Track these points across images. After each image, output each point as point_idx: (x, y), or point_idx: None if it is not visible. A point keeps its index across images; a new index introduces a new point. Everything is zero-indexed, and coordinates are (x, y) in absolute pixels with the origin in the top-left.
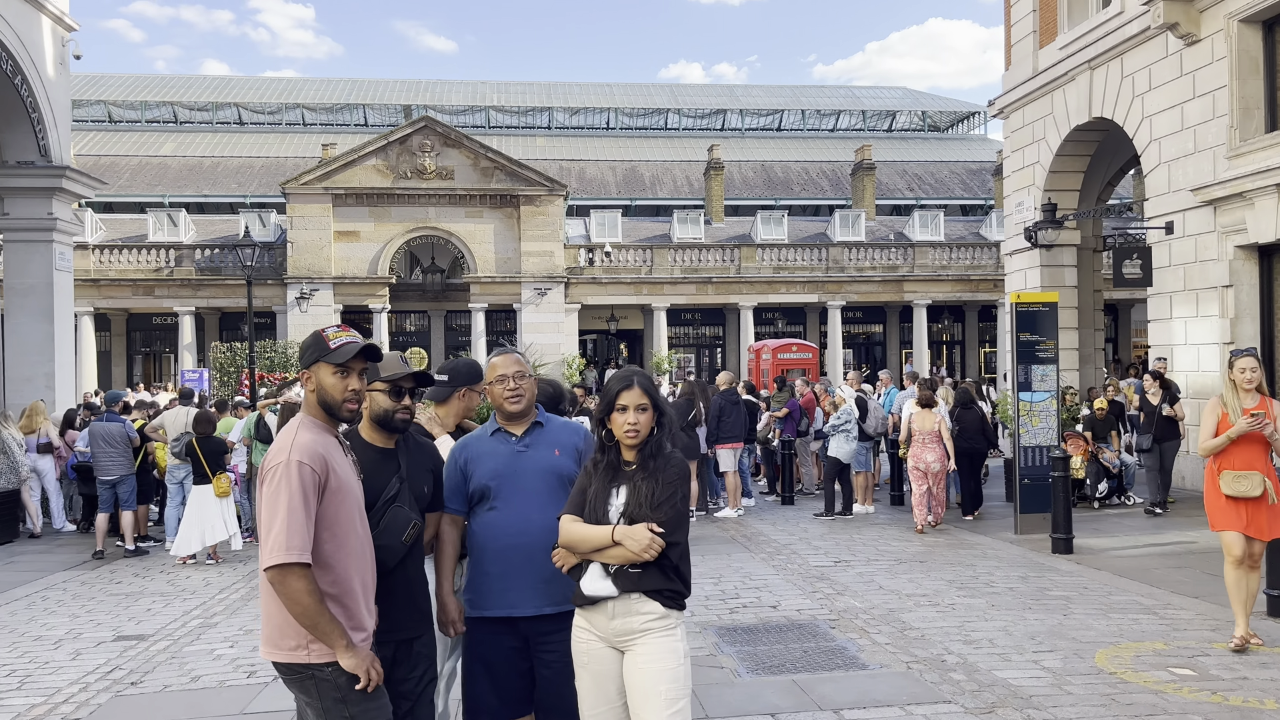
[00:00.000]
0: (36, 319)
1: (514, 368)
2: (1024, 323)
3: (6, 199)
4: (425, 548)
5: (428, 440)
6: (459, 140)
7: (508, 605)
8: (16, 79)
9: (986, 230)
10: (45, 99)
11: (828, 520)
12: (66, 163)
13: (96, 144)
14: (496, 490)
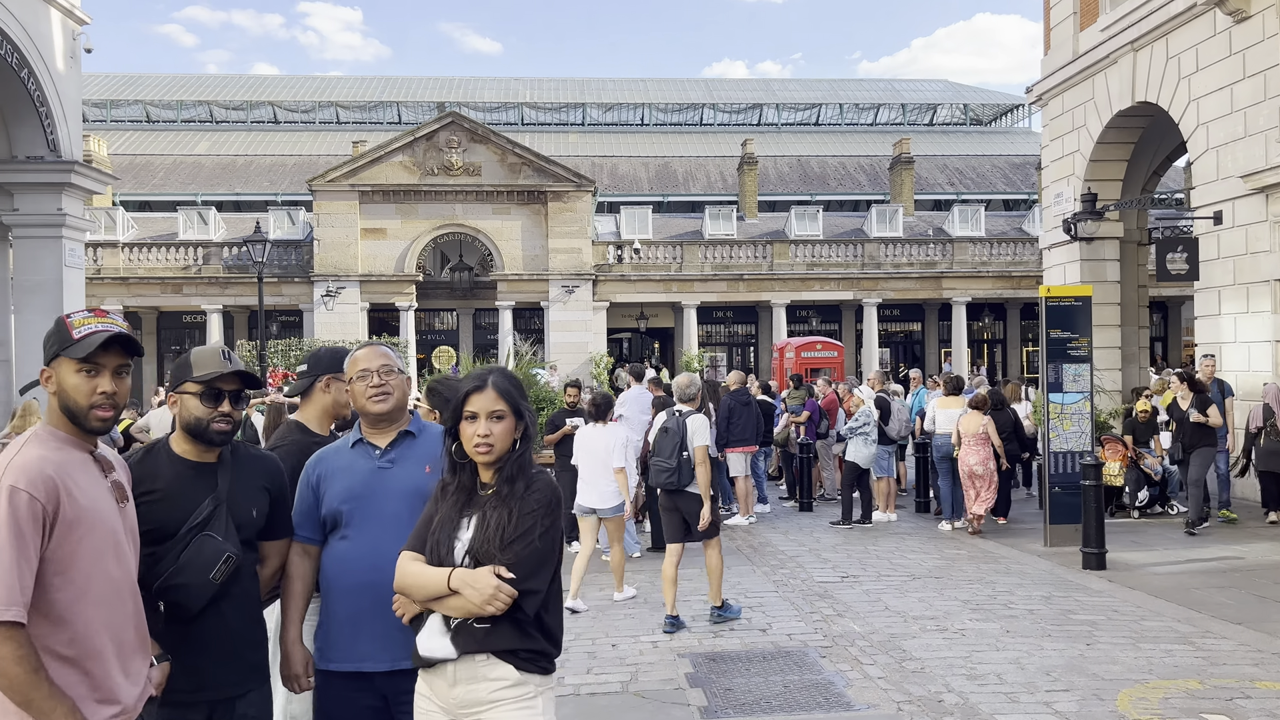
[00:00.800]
0: (45, 316)
1: (379, 361)
2: (1055, 318)
3: (16, 194)
4: (266, 584)
5: (268, 454)
6: (486, 136)
7: (358, 657)
8: (23, 72)
9: (1029, 225)
10: (54, 93)
11: (844, 529)
12: (76, 158)
13: (133, 143)
14: (349, 515)
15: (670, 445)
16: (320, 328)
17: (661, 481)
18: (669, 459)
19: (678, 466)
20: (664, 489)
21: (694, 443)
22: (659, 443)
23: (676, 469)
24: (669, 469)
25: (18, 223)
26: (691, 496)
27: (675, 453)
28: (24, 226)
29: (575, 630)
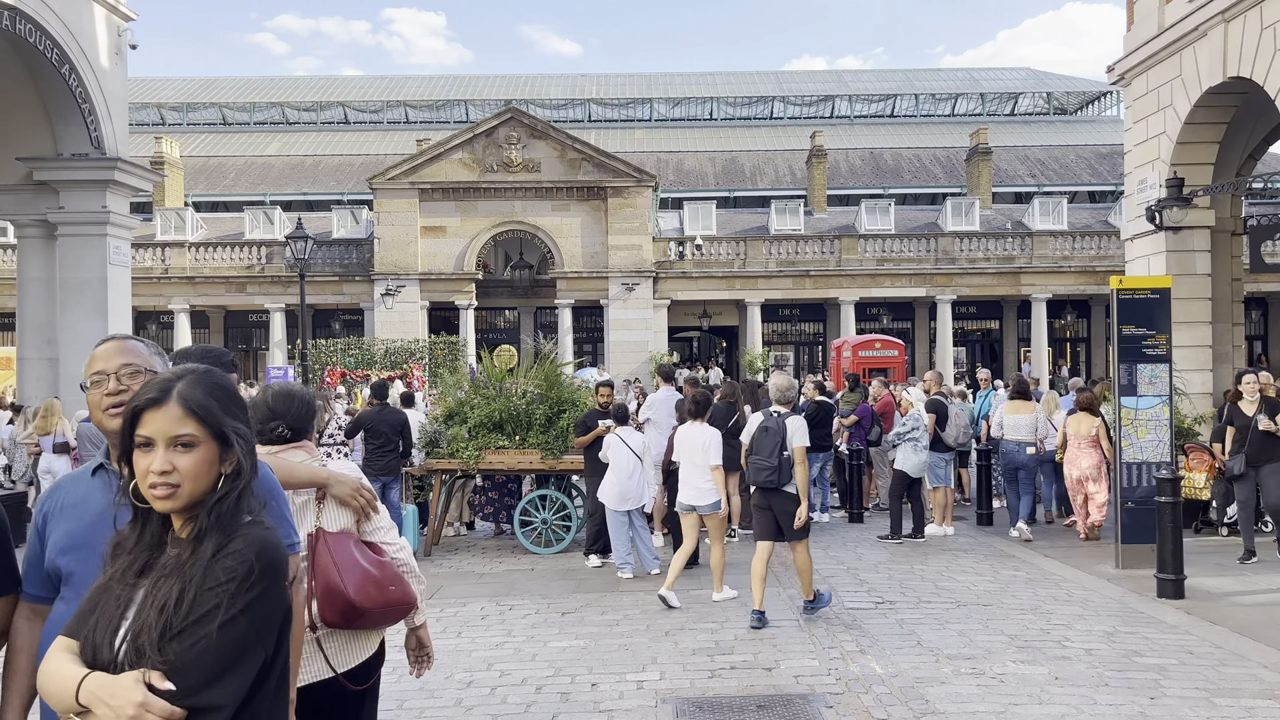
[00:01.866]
0: (90, 315)
1: (119, 360)
2: (1129, 313)
3: (61, 192)
4: None
5: None
6: (545, 131)
7: None
8: (64, 69)
9: (1115, 218)
10: (98, 89)
11: (892, 544)
12: (121, 155)
13: (208, 145)
14: (69, 570)
15: (770, 444)
16: (380, 326)
17: (760, 480)
18: (769, 458)
19: (778, 465)
20: (760, 487)
21: (793, 443)
22: (758, 441)
23: (777, 468)
24: (769, 467)
25: (63, 220)
26: (787, 496)
27: (775, 452)
28: (69, 224)
29: (558, 663)
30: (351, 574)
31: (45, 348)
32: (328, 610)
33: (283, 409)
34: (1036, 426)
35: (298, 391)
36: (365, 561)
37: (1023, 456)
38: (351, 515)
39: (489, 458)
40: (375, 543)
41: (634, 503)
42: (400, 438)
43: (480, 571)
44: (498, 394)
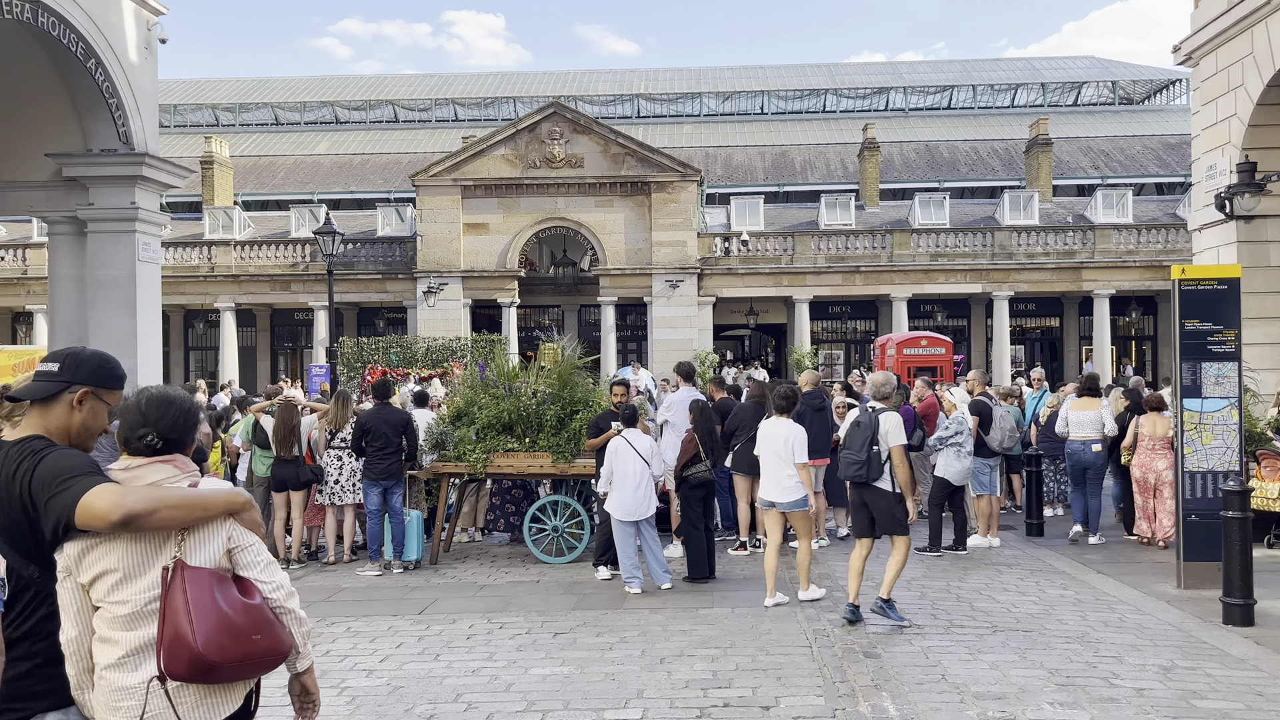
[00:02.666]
0: (119, 313)
1: None
2: (1192, 306)
3: (91, 188)
4: None
5: None
6: (589, 126)
7: None
8: (89, 63)
9: (1184, 210)
10: (126, 84)
11: (930, 557)
12: (151, 150)
13: (259, 145)
14: None
15: (861, 439)
16: (423, 324)
17: (850, 474)
18: (859, 452)
19: (867, 460)
20: (852, 482)
21: (889, 441)
22: (850, 436)
23: (866, 462)
24: (859, 462)
25: (92, 217)
26: (879, 492)
27: (865, 446)
28: (98, 221)
29: (532, 696)
30: (205, 621)
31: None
32: (173, 662)
33: (156, 415)
34: (1103, 424)
35: (177, 396)
36: (226, 605)
37: (1089, 455)
38: (223, 545)
39: (498, 461)
40: (249, 580)
41: (642, 512)
42: (402, 439)
43: (482, 583)
44: (507, 393)
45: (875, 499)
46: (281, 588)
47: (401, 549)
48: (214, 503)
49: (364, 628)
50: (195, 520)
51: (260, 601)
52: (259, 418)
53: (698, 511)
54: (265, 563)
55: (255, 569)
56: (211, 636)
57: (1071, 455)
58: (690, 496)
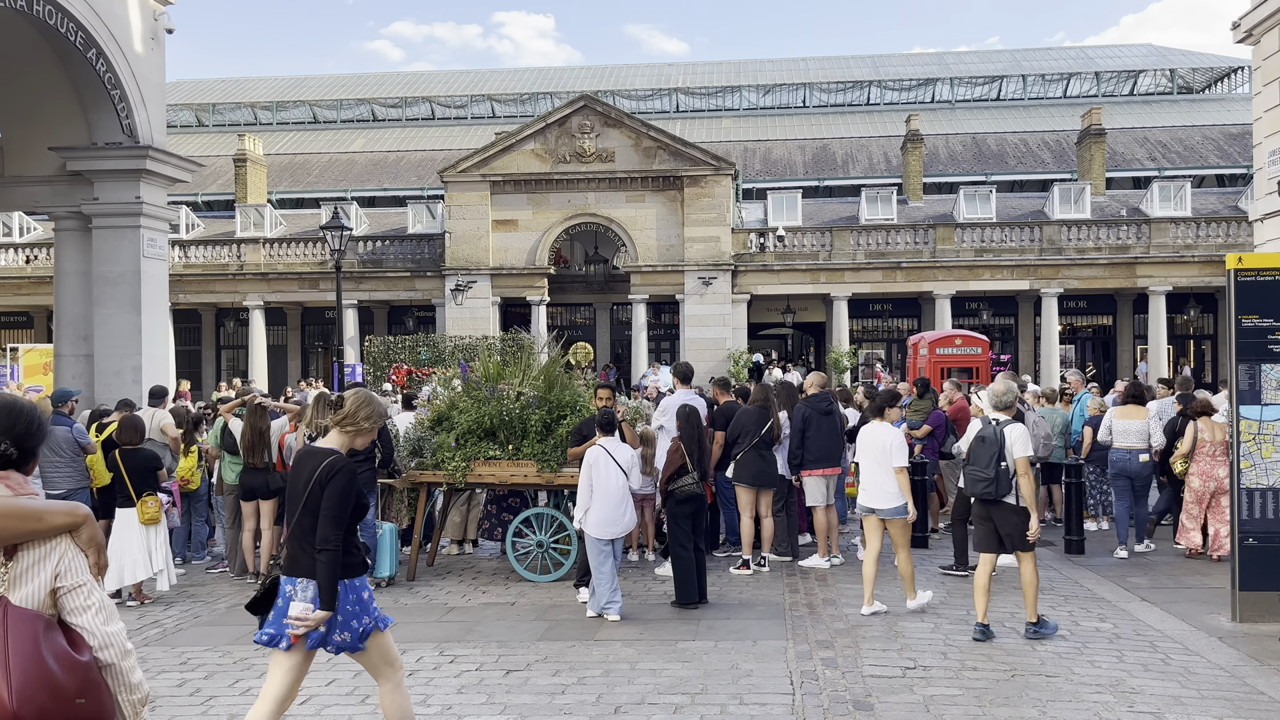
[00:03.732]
0: (124, 309)
1: None
2: (1250, 299)
3: (96, 182)
4: None
5: None
6: (620, 120)
7: None
8: (90, 53)
9: (1246, 203)
10: (130, 76)
11: (956, 577)
12: (158, 144)
13: (296, 143)
14: None
15: (987, 455)
16: (451, 323)
17: (978, 492)
18: (986, 469)
19: (995, 477)
20: (979, 499)
21: (1014, 453)
22: (975, 452)
23: (994, 479)
24: (986, 479)
25: (96, 211)
26: (1007, 508)
27: (993, 463)
28: (102, 216)
29: None
30: (24, 673)
31: (82, 344)
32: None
33: (7, 423)
34: (1150, 433)
35: (25, 405)
36: (53, 658)
37: (1135, 465)
38: (50, 579)
39: (479, 470)
40: (79, 629)
41: (620, 529)
42: (374, 445)
43: (452, 605)
44: (490, 396)
45: (1005, 516)
46: (112, 644)
47: (372, 565)
48: (51, 514)
49: None
50: (27, 534)
51: (89, 659)
52: (229, 420)
53: (685, 529)
54: (97, 607)
55: (85, 614)
56: (30, 694)
57: (1116, 464)
58: (677, 513)
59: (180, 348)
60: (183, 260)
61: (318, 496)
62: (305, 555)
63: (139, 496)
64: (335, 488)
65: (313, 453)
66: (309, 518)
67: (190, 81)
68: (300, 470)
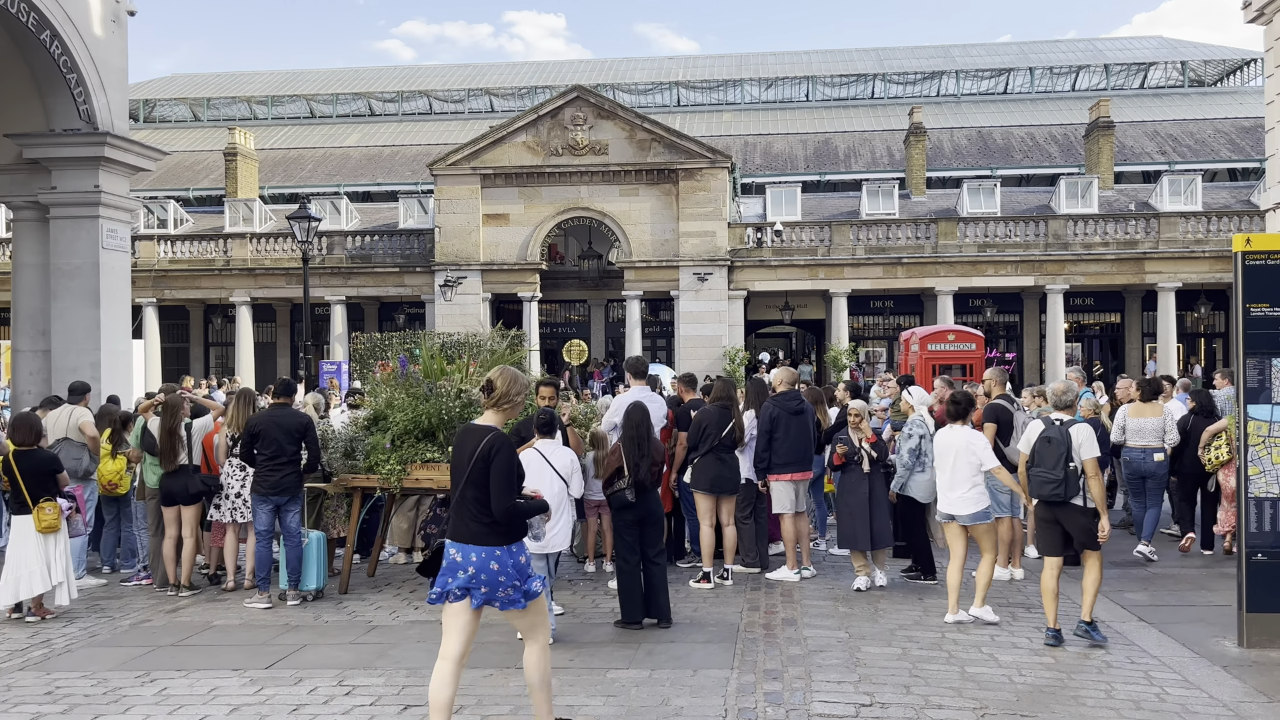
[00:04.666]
0: (83, 303)
1: None
2: (1260, 285)
3: (54, 170)
4: None
5: None
6: (613, 111)
7: None
8: (44, 35)
9: (1259, 197)
10: (88, 60)
11: (931, 596)
12: (117, 130)
13: (290, 138)
14: None
15: (1054, 456)
16: (441, 319)
17: (1046, 493)
18: (1054, 470)
19: (1064, 478)
20: (1045, 501)
21: (1081, 454)
22: (1041, 453)
23: (1063, 480)
24: (1055, 480)
25: (54, 201)
26: (1075, 509)
27: (1061, 463)
28: (60, 205)
29: None
30: None
31: (40, 339)
32: None
33: None
34: (1165, 431)
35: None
36: None
37: (1150, 464)
38: None
39: (416, 473)
40: None
41: (558, 543)
42: (300, 446)
43: (377, 623)
44: (430, 393)
45: (1073, 517)
46: None
47: (298, 577)
48: None
49: (184, 689)
50: None
51: None
52: (148, 419)
53: (629, 540)
54: None
55: None
56: None
57: (1130, 464)
58: (618, 522)
59: (168, 344)
60: (169, 255)
61: (481, 471)
62: (469, 523)
63: (35, 502)
64: (500, 462)
65: (473, 430)
66: (473, 489)
67: (185, 76)
68: (463, 447)
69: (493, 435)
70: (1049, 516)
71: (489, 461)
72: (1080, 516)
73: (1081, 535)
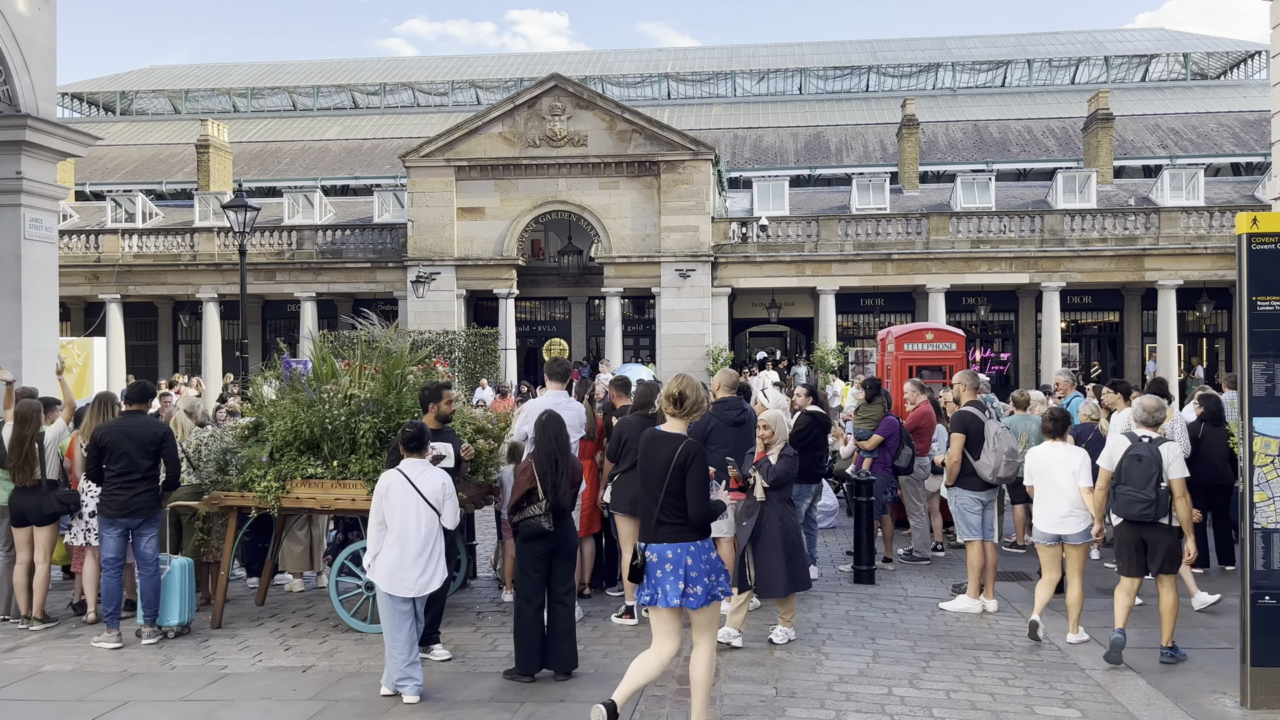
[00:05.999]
0: (3, 297)
1: None
2: (1265, 275)
3: None
4: None
5: None
6: (592, 101)
7: None
8: None
9: (1263, 192)
10: (9, 37)
11: (889, 634)
12: (42, 113)
13: (269, 131)
14: None
15: (1145, 475)
16: (413, 317)
17: (1135, 513)
18: (1144, 489)
19: (1156, 498)
20: (1131, 520)
21: (1170, 474)
22: (1130, 471)
23: (1155, 500)
24: (1147, 500)
25: None
26: (1162, 529)
27: (1153, 484)
28: None
29: None
30: None
31: None
32: None
33: None
34: (1175, 437)
35: None
36: None
37: None
38: None
39: (297, 491)
40: None
41: (424, 584)
42: (156, 460)
43: (230, 669)
44: (315, 399)
45: (1160, 537)
46: None
47: (155, 611)
48: None
49: None
50: None
51: None
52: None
53: (533, 578)
54: None
55: None
56: None
57: None
58: (524, 555)
59: (134, 342)
60: (134, 250)
61: (678, 478)
62: (662, 526)
63: None
64: (697, 470)
65: (665, 438)
66: (668, 495)
67: (164, 68)
68: (655, 455)
69: (687, 444)
70: (1133, 537)
71: (685, 469)
72: (1167, 536)
73: (1165, 555)
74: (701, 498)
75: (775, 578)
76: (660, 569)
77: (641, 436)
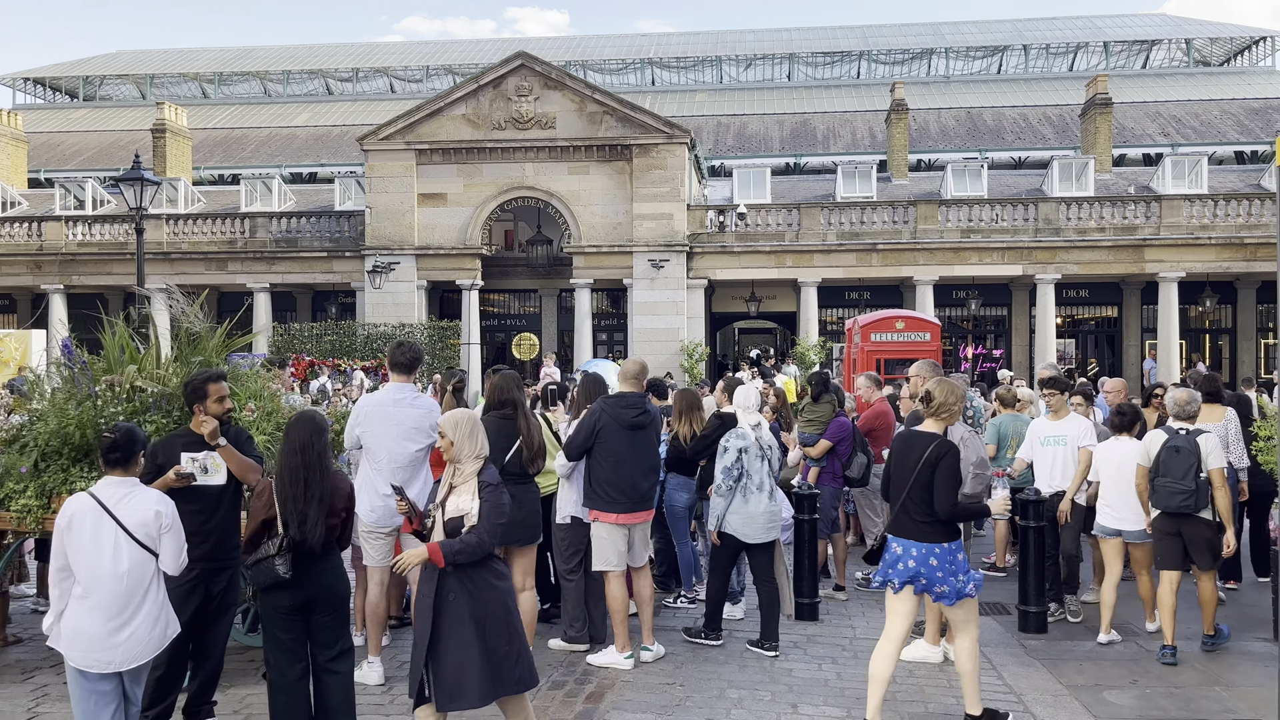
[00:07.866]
0: None
1: None
2: None
3: None
4: None
5: None
6: (561, 81)
7: None
8: None
9: (1269, 180)
10: None
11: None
12: None
13: (236, 117)
14: None
15: (1184, 466)
16: (371, 309)
17: (1175, 505)
18: (1184, 480)
19: (1196, 489)
20: (1169, 512)
21: (1209, 465)
22: (1168, 463)
23: (1195, 491)
24: (1186, 491)
25: None
26: (1203, 523)
27: (1193, 474)
28: None
29: None
30: None
31: None
32: None
33: None
34: (1228, 442)
35: None
36: None
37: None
38: None
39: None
40: None
41: (126, 655)
42: None
43: None
44: (89, 395)
45: (1198, 530)
46: None
47: None
48: None
49: None
50: None
51: None
52: None
53: (281, 641)
54: None
55: None
56: None
57: None
58: (267, 610)
59: (82, 335)
60: (78, 238)
61: (927, 474)
62: (910, 521)
63: None
64: (946, 467)
65: (917, 437)
66: (918, 489)
67: (130, 52)
68: (907, 453)
69: (939, 442)
70: (1172, 529)
71: (935, 466)
72: (1206, 529)
73: (1203, 549)
74: (947, 494)
75: (465, 678)
76: (903, 562)
77: (895, 436)
